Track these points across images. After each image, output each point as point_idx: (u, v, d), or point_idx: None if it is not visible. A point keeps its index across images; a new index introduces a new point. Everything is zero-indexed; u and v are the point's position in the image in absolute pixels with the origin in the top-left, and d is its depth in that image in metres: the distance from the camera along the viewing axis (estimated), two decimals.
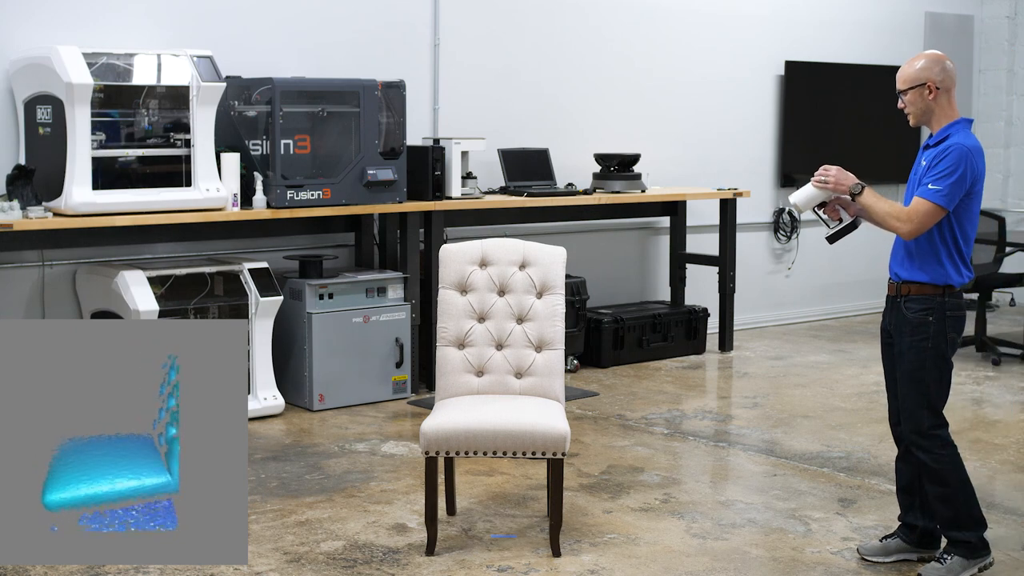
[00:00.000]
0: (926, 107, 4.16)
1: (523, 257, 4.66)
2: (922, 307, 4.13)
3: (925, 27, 9.97)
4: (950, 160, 4.03)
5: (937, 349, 4.13)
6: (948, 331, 4.13)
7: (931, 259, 4.12)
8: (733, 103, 8.83)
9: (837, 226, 4.37)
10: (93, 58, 5.66)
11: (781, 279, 9.33)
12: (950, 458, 4.15)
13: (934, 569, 4.17)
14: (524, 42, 7.77)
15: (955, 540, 4.17)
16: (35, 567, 4.12)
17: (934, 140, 4.16)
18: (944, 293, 4.11)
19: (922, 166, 4.19)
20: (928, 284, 4.12)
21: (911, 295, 4.15)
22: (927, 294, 4.12)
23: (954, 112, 4.17)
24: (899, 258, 4.24)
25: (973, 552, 4.16)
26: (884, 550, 4.36)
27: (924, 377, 4.13)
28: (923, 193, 4.05)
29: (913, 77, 4.15)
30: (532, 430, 4.23)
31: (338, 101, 6.49)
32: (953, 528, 4.17)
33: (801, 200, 4.36)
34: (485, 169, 7.36)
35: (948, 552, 4.18)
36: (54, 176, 5.63)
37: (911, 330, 4.15)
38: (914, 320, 4.14)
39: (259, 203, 6.16)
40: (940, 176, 4.03)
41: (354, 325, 6.43)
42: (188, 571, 4.14)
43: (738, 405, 6.74)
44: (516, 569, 4.21)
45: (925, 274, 4.12)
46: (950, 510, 4.15)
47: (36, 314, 6.03)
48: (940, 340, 4.12)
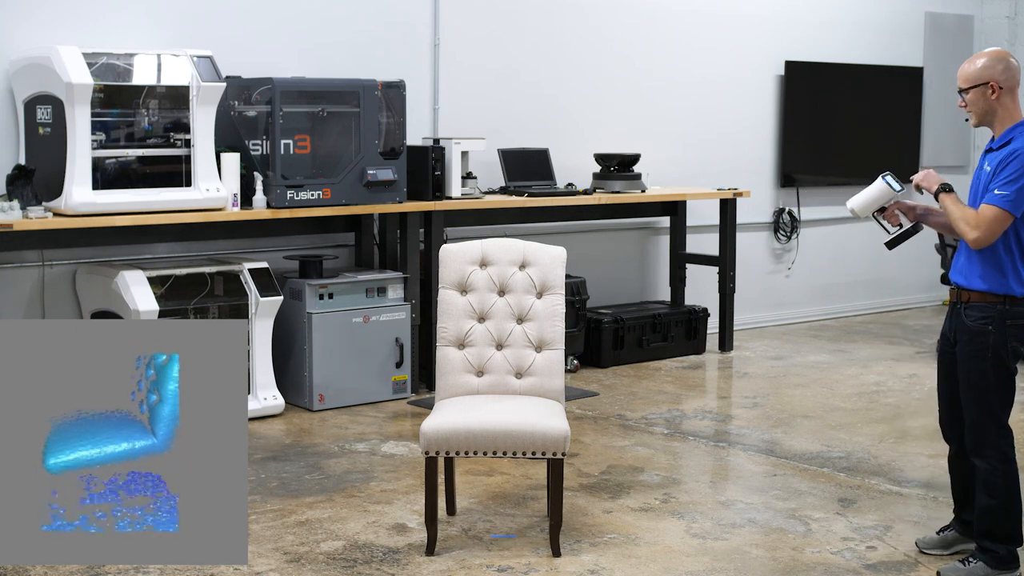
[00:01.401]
0: (988, 107, 4.03)
1: (523, 257, 4.66)
2: (982, 315, 4.05)
3: (925, 27, 9.97)
4: (1017, 164, 3.92)
5: (997, 357, 4.05)
6: (1009, 339, 4.04)
7: (993, 267, 4.03)
8: (733, 103, 8.82)
9: (897, 231, 4.32)
10: (93, 58, 5.66)
11: (781, 279, 9.33)
12: (1005, 472, 4.09)
13: (954, 570, 4.16)
14: (524, 42, 7.77)
15: (984, 548, 4.15)
16: (35, 567, 4.12)
17: (997, 143, 4.05)
18: (1005, 302, 4.02)
19: (986, 171, 4.07)
20: (989, 292, 4.04)
21: (971, 302, 4.08)
22: (988, 302, 4.04)
23: (1019, 113, 4.04)
24: (959, 264, 4.16)
25: (999, 563, 4.12)
26: (943, 542, 4.37)
27: (986, 386, 4.07)
28: (990, 199, 3.94)
29: (975, 76, 4.02)
30: (532, 430, 4.23)
31: (338, 101, 6.48)
32: (986, 537, 4.14)
33: (859, 205, 4.31)
34: (485, 169, 7.36)
35: (974, 556, 4.16)
36: (54, 176, 5.63)
37: (970, 338, 4.08)
38: (973, 328, 4.06)
39: (259, 203, 6.16)
40: (1007, 181, 3.92)
41: (354, 325, 6.43)
42: (188, 571, 4.14)
43: (738, 405, 6.74)
44: (516, 569, 4.21)
45: (986, 283, 4.03)
46: (989, 520, 4.12)
47: (36, 314, 6.03)
48: (1000, 349, 4.04)
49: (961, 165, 10.34)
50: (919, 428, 6.22)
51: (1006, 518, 4.11)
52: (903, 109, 9.79)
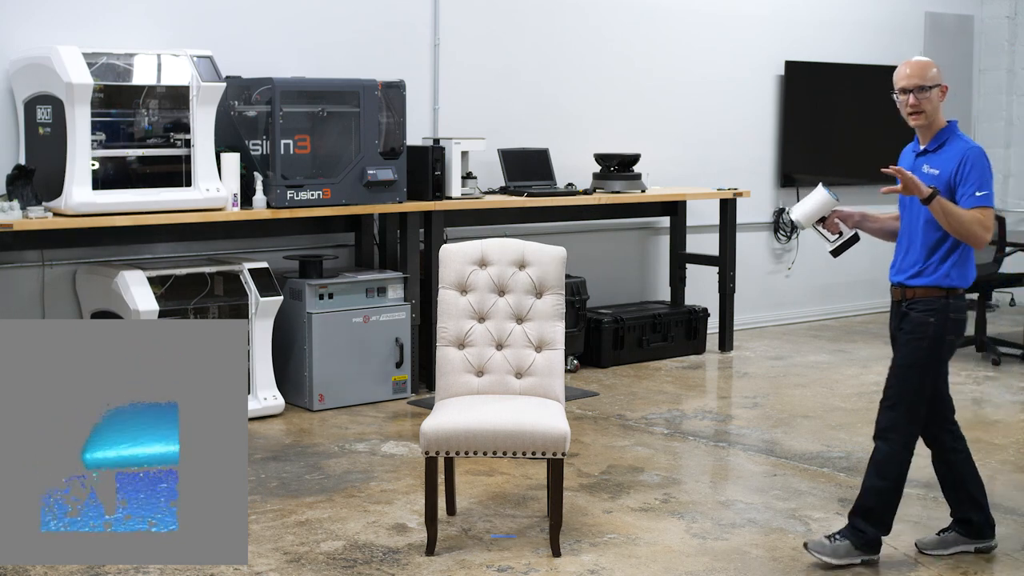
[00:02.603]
0: (936, 108, 4.16)
1: (523, 257, 4.66)
2: (927, 308, 4.14)
3: (925, 27, 9.97)
4: (977, 168, 4.05)
5: (933, 349, 4.15)
6: (947, 333, 4.15)
7: (938, 262, 4.12)
8: (733, 103, 8.83)
9: (839, 240, 4.41)
10: (93, 58, 5.66)
11: (781, 279, 9.33)
12: (902, 461, 4.21)
13: (819, 544, 4.27)
14: (524, 42, 7.77)
15: (854, 527, 4.25)
16: (35, 567, 4.12)
17: (932, 145, 4.17)
18: (948, 295, 4.13)
19: (926, 172, 4.15)
20: (934, 287, 4.13)
21: (916, 298, 4.17)
22: (933, 297, 4.13)
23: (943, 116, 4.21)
24: (900, 264, 4.25)
25: (863, 544, 4.25)
26: (942, 543, 4.41)
27: (913, 374, 4.18)
28: (981, 201, 4.03)
29: (936, 76, 4.15)
30: (532, 430, 4.23)
31: (338, 101, 6.48)
32: (860, 516, 4.25)
33: (803, 215, 4.40)
34: (485, 169, 7.36)
35: (841, 534, 4.27)
36: (54, 176, 5.63)
37: (912, 328, 4.17)
38: (916, 319, 4.16)
39: (259, 203, 6.16)
40: (981, 180, 4.04)
41: (354, 325, 6.43)
42: (188, 571, 4.14)
43: (738, 405, 6.74)
44: (516, 569, 4.21)
45: (932, 279, 4.13)
46: (872, 501, 4.23)
47: (36, 314, 6.03)
48: (938, 341, 4.15)
49: None
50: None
51: (885, 503, 4.23)
52: None
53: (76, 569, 4.13)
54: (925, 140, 4.22)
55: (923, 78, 4.14)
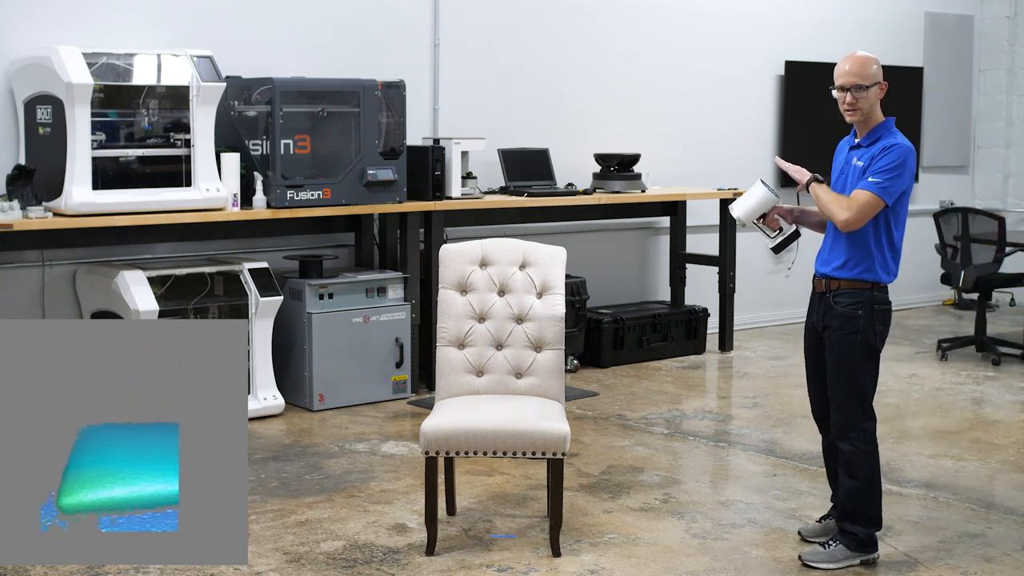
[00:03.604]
0: (873, 106, 4.23)
1: (523, 257, 4.66)
2: (852, 301, 4.21)
3: (925, 27, 9.97)
4: (894, 156, 4.12)
5: (866, 342, 4.21)
6: (876, 324, 4.22)
7: (862, 255, 4.20)
8: (733, 103, 8.83)
9: (779, 235, 4.48)
10: (93, 58, 5.66)
11: (781, 279, 9.32)
12: (868, 454, 4.24)
13: (815, 552, 4.27)
14: (524, 42, 7.77)
15: (844, 531, 4.27)
16: (35, 567, 4.12)
17: (866, 140, 4.23)
18: (873, 288, 4.21)
19: (855, 165, 4.24)
20: (858, 280, 4.21)
21: (841, 290, 4.24)
22: (858, 289, 4.21)
23: (882, 114, 4.27)
24: (824, 255, 4.34)
25: (858, 545, 4.25)
26: (825, 530, 4.46)
27: (854, 369, 4.22)
28: (864, 185, 4.12)
29: (875, 74, 4.21)
30: (532, 430, 4.23)
31: (338, 101, 6.49)
32: (847, 519, 4.27)
33: (744, 212, 4.46)
34: (485, 169, 7.36)
35: (835, 539, 4.28)
36: (54, 176, 5.63)
37: (841, 323, 4.23)
38: (844, 314, 4.22)
39: (259, 203, 6.16)
40: (883, 170, 4.11)
41: (354, 325, 6.43)
42: (188, 571, 4.14)
43: (738, 405, 6.74)
44: (516, 569, 4.21)
45: (855, 271, 4.20)
46: (851, 503, 4.25)
47: (36, 314, 6.03)
48: (869, 332, 4.21)
49: (961, 165, 10.34)
50: (919, 428, 6.23)
51: (867, 501, 4.24)
52: (903, 109, 9.73)
53: (76, 569, 4.13)
54: (860, 134, 4.29)
55: (862, 77, 4.19)
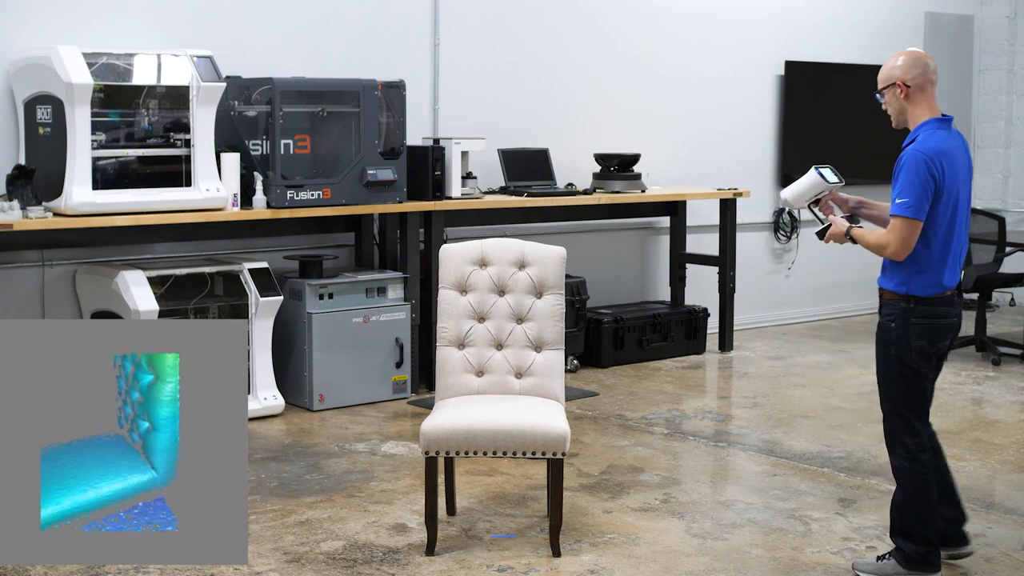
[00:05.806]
0: (900, 107, 4.14)
1: (523, 257, 4.66)
2: (890, 312, 4.12)
3: (925, 27, 9.97)
4: (905, 170, 4.01)
5: (898, 355, 4.08)
6: (913, 339, 4.06)
7: (896, 269, 4.10)
8: (733, 103, 8.83)
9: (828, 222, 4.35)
10: (93, 58, 5.66)
11: (781, 279, 9.33)
12: (912, 472, 4.12)
13: (866, 563, 4.22)
14: (524, 42, 7.77)
15: (896, 545, 4.18)
16: (35, 567, 4.12)
17: (906, 143, 4.15)
18: (909, 300, 4.06)
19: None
20: (894, 292, 4.10)
21: (884, 300, 4.17)
22: (893, 300, 4.11)
23: (925, 112, 4.11)
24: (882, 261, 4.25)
25: (907, 562, 4.13)
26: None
27: (889, 382, 4.13)
28: (894, 210, 4.02)
29: (887, 77, 4.13)
30: (532, 430, 4.23)
31: (338, 101, 6.49)
32: (898, 534, 4.18)
33: (791, 195, 4.42)
34: (485, 169, 7.36)
35: (888, 554, 4.20)
36: (54, 176, 5.63)
37: (880, 334, 4.16)
38: (882, 324, 4.15)
39: (259, 203, 6.16)
40: (901, 189, 4.00)
41: (354, 325, 6.43)
42: (188, 571, 4.14)
43: (738, 405, 6.74)
44: (516, 569, 4.21)
45: (892, 283, 4.11)
46: (900, 518, 4.16)
47: (36, 314, 6.03)
48: (901, 346, 4.07)
49: None
50: None
51: (915, 516, 4.13)
52: None
53: (76, 569, 4.12)
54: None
55: (879, 80, 4.16)
